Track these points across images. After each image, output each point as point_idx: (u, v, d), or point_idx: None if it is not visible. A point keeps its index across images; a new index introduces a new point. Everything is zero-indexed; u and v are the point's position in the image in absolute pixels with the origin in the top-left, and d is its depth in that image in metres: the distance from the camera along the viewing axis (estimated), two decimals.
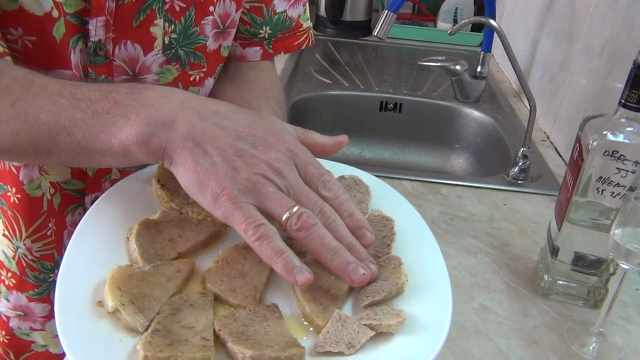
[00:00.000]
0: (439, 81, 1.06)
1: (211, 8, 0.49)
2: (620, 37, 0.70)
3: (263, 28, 0.55)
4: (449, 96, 1.00)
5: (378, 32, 0.84)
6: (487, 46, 0.90)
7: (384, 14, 0.83)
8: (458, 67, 0.84)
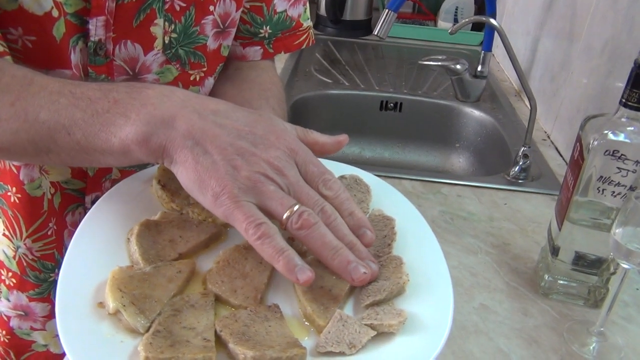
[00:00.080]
0: (440, 80, 1.06)
1: (211, 7, 0.49)
2: (620, 36, 0.70)
3: (263, 27, 0.55)
4: (449, 95, 1.00)
5: (378, 32, 0.84)
6: (488, 45, 0.89)
7: (384, 13, 0.83)
8: (458, 66, 0.84)
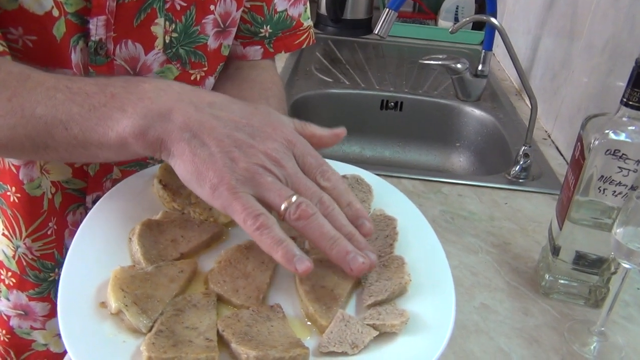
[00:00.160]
0: (440, 79, 1.06)
1: (212, 7, 0.49)
2: (621, 35, 0.70)
3: (264, 27, 0.55)
4: (449, 94, 1.00)
5: (379, 31, 0.84)
6: (488, 44, 0.89)
7: (384, 12, 0.83)
8: (459, 65, 0.84)
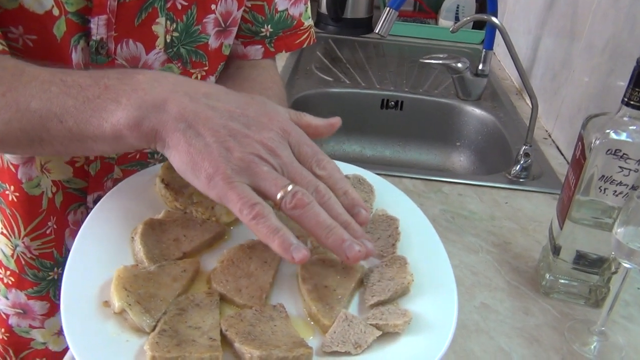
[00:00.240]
0: (441, 79, 1.06)
1: (213, 6, 0.49)
2: (622, 35, 0.70)
3: (264, 26, 0.55)
4: (450, 94, 1.00)
5: (379, 30, 0.84)
6: (489, 44, 0.89)
7: (385, 11, 0.83)
8: (459, 64, 0.84)
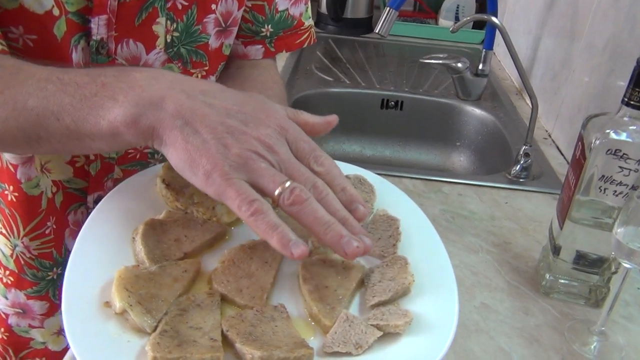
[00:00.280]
0: (441, 79, 1.06)
1: (213, 6, 0.49)
2: (622, 35, 0.70)
3: (265, 26, 0.55)
4: (450, 94, 1.00)
5: (379, 30, 0.84)
6: (489, 44, 0.89)
7: (385, 11, 0.83)
8: (459, 64, 0.84)
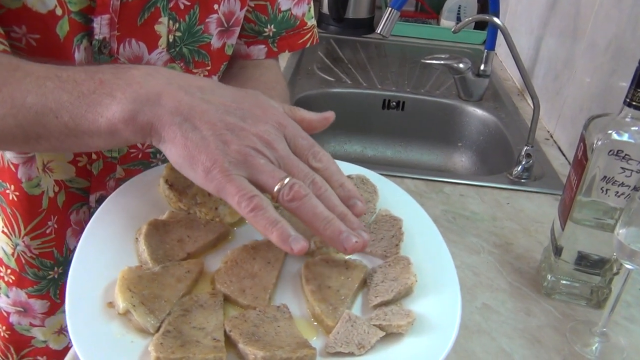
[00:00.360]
0: (442, 79, 1.06)
1: (215, 6, 0.49)
2: (625, 35, 0.70)
3: (268, 26, 0.55)
4: (451, 94, 1.00)
5: (381, 30, 0.83)
6: (491, 44, 0.89)
7: (387, 11, 0.83)
8: (461, 65, 0.84)
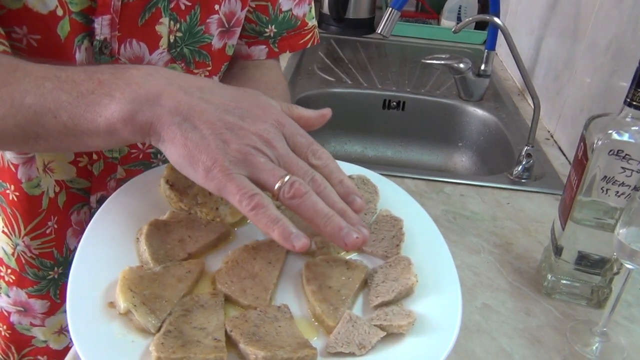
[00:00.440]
0: (443, 79, 1.06)
1: (216, 7, 0.49)
2: (625, 35, 0.70)
3: (269, 27, 0.55)
4: (452, 94, 1.00)
5: (382, 30, 0.84)
6: (491, 44, 0.89)
7: (387, 11, 0.83)
8: (462, 65, 0.84)
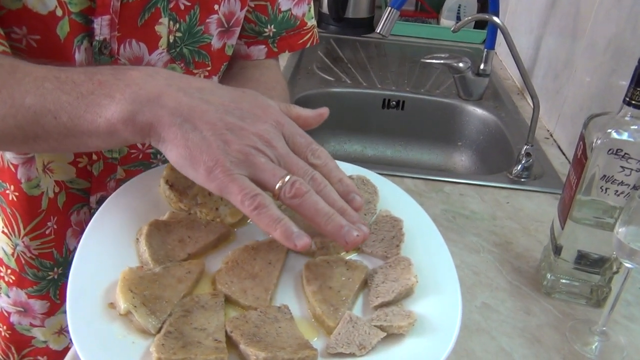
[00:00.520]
0: (442, 79, 1.06)
1: (216, 7, 0.49)
2: (624, 34, 0.70)
3: (268, 27, 0.55)
4: (451, 94, 1.00)
5: (381, 29, 0.83)
6: (491, 43, 0.89)
7: (387, 11, 0.83)
8: (461, 64, 0.84)
